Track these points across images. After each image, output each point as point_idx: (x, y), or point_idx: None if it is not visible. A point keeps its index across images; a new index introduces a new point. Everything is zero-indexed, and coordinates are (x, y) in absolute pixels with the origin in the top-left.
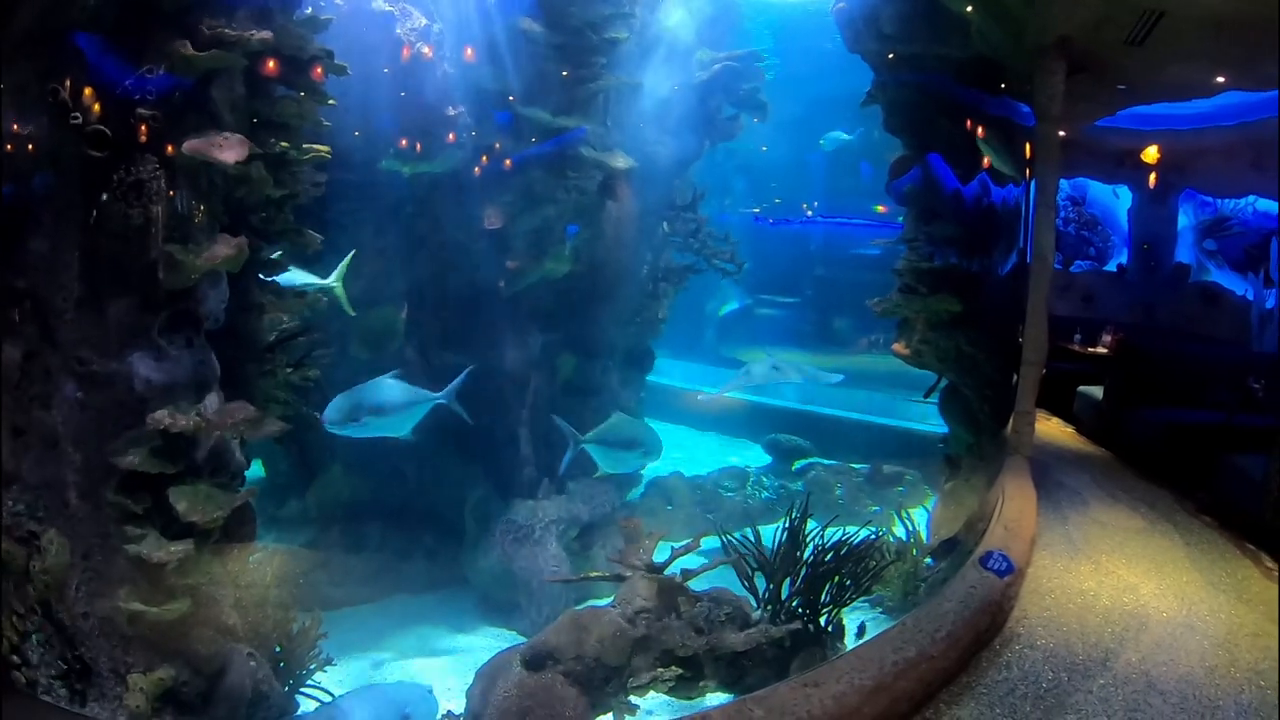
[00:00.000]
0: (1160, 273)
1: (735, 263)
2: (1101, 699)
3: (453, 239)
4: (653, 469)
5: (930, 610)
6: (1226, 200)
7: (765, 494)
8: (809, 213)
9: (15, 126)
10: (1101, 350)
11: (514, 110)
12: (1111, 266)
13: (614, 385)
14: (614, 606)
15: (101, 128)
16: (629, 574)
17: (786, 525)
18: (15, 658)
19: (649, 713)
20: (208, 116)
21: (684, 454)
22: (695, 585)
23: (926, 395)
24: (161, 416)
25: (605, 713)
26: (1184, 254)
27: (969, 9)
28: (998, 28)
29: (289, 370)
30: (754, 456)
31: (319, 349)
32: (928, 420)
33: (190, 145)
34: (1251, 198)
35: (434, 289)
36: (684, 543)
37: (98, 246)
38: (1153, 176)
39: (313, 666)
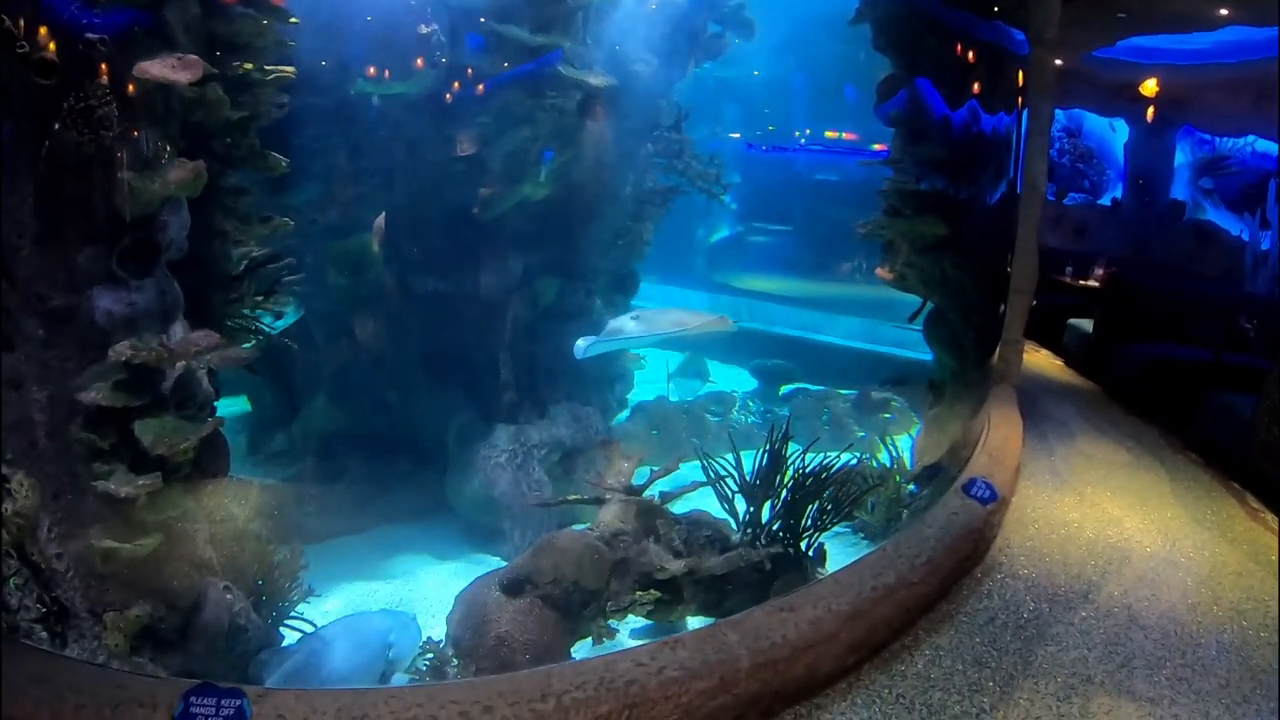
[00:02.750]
0: (1155, 209)
1: (720, 184)
2: (1082, 631)
3: (429, 163)
4: (637, 394)
5: (911, 536)
6: (1225, 139)
7: (751, 418)
8: (801, 140)
9: None
10: (1093, 284)
11: (489, 28)
12: (1106, 200)
13: (597, 309)
14: (592, 530)
15: (47, 55)
16: (608, 497)
17: (767, 448)
18: None
19: (629, 635)
20: (161, 40)
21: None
22: (675, 508)
23: (911, 319)
24: (123, 348)
25: (584, 636)
26: (1180, 191)
27: None
28: None
29: (259, 298)
30: (742, 381)
31: (290, 275)
32: (919, 348)
33: (141, 67)
34: (1251, 138)
35: (411, 214)
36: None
37: (51, 178)
38: (1151, 111)
39: (295, 598)
